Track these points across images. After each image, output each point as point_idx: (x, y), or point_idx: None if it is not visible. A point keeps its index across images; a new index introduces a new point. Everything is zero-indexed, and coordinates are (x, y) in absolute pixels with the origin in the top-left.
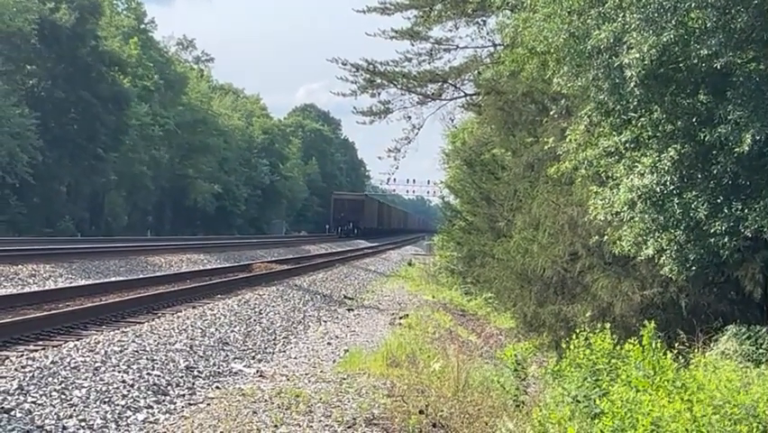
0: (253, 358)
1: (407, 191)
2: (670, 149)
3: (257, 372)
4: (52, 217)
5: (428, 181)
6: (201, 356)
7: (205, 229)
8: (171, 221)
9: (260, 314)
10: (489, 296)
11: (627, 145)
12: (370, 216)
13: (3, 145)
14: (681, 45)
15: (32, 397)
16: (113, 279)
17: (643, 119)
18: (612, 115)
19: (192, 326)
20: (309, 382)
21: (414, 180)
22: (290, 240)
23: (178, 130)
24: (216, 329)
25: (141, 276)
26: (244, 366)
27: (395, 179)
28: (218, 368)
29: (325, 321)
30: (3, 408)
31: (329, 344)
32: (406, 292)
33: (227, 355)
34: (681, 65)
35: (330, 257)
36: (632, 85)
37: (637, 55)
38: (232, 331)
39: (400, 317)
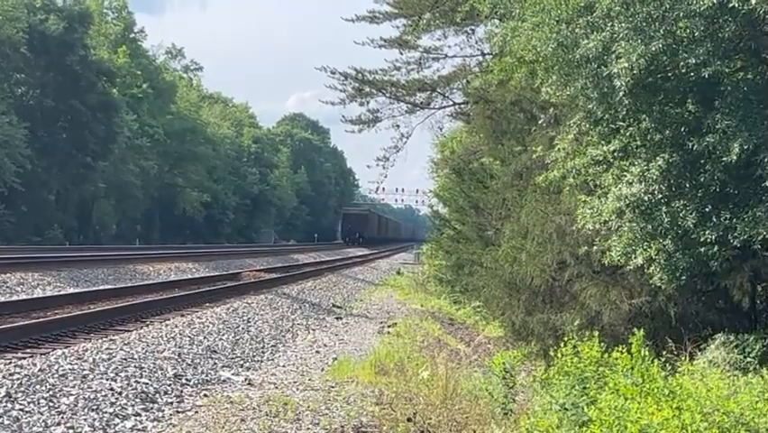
0: (242, 366)
1: (396, 200)
2: (658, 158)
3: (245, 380)
4: (41, 226)
5: (417, 190)
6: (189, 364)
7: (193, 238)
8: (160, 230)
9: (249, 322)
10: (477, 305)
11: (616, 154)
12: (372, 227)
13: None
14: (669, 54)
15: (20, 404)
16: (101, 287)
17: (631, 128)
18: (600, 124)
19: (180, 334)
20: (297, 389)
21: (402, 189)
22: (279, 249)
23: (167, 139)
24: (205, 337)
25: (129, 284)
26: (232, 374)
27: (383, 189)
28: (206, 376)
29: (314, 329)
30: None
31: (317, 352)
32: (394, 301)
33: (215, 363)
34: (669, 74)
35: (319, 266)
36: (621, 94)
37: (626, 64)
38: (220, 339)
39: (389, 326)
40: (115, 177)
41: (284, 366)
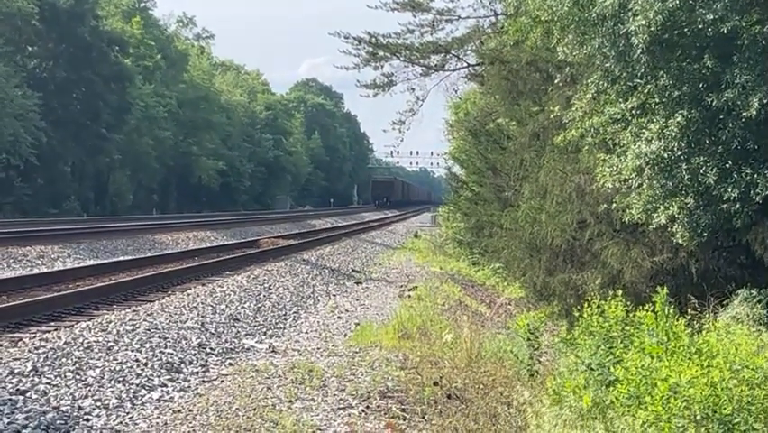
0: (265, 334)
1: (411, 163)
2: (677, 114)
3: (269, 347)
4: (57, 198)
5: (431, 153)
6: (213, 333)
7: (210, 206)
8: (176, 199)
9: (270, 289)
10: (497, 266)
11: (634, 112)
12: (397, 192)
13: (6, 127)
14: (686, 10)
15: (47, 378)
16: (121, 258)
17: (649, 85)
18: (618, 83)
19: (202, 303)
20: (321, 356)
21: (417, 152)
22: (295, 215)
23: (181, 108)
24: (227, 306)
25: (149, 254)
26: (256, 342)
27: (398, 152)
28: (230, 344)
29: (335, 295)
30: (18, 389)
31: (339, 318)
32: (413, 264)
33: (238, 332)
34: (685, 30)
35: (336, 231)
36: (638, 52)
37: (643, 22)
38: (242, 307)
39: (409, 289)
40: (131, 147)
41: (307, 333)
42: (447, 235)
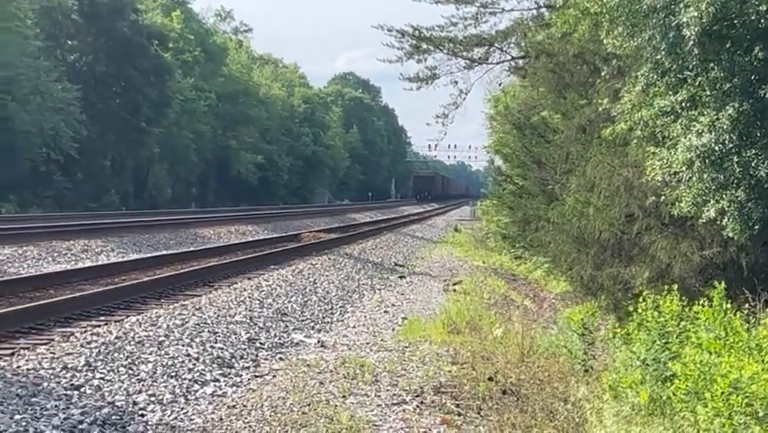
0: (312, 328)
1: (449, 157)
2: (728, 107)
3: (318, 342)
4: (97, 192)
5: (469, 146)
6: (261, 328)
7: (248, 200)
8: (215, 192)
9: (315, 284)
10: (542, 260)
11: (684, 104)
12: (437, 186)
13: (46, 121)
14: (738, 2)
15: (100, 373)
16: (164, 252)
17: (700, 78)
18: (668, 75)
19: (249, 297)
20: (371, 351)
21: (455, 146)
22: (334, 209)
23: (220, 102)
24: (274, 300)
25: (192, 248)
26: (305, 337)
27: (436, 145)
28: (279, 339)
29: (379, 289)
30: (72, 384)
31: (386, 312)
32: (455, 258)
33: (287, 326)
34: (735, 21)
35: (376, 225)
36: (690, 44)
37: (695, 13)
38: (289, 302)
39: (454, 284)
40: (170, 140)
41: (354, 327)
42: (488, 229)
